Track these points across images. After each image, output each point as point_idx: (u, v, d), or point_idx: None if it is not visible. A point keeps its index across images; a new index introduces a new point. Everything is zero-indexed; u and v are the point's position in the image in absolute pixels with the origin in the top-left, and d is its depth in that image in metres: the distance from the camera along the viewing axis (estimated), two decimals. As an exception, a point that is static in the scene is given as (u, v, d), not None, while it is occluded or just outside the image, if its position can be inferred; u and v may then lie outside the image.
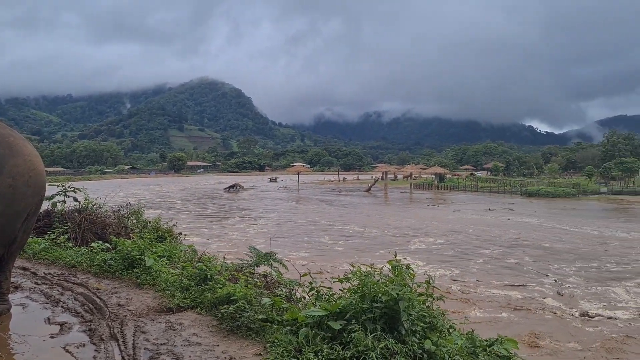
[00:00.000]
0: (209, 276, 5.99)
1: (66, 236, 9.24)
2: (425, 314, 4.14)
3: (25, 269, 7.54)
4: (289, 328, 4.33)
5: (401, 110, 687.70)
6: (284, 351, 3.95)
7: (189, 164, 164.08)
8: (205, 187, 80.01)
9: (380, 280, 4.13)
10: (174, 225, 10.89)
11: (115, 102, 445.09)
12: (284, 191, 68.67)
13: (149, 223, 10.87)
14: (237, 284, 5.48)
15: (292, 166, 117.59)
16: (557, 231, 26.44)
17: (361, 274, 4.20)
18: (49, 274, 7.31)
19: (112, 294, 6.35)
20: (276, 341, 4.16)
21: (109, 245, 8.21)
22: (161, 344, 4.56)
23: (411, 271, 4.22)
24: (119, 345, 4.55)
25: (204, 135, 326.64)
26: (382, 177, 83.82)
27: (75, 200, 10.53)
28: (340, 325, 3.92)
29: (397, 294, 3.85)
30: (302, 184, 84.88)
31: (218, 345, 4.50)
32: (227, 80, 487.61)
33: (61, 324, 5.17)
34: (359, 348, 3.63)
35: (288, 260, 7.88)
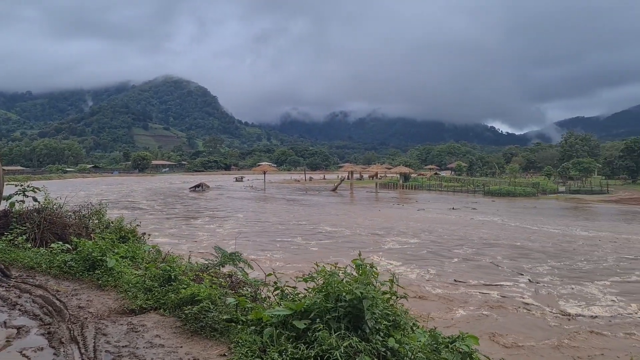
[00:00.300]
0: (172, 277, 5.92)
1: (24, 237, 8.95)
2: (389, 313, 4.19)
3: (-20, 271, 7.30)
4: (253, 328, 4.32)
5: (367, 111, 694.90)
6: (249, 351, 3.95)
7: (154, 163, 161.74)
8: (171, 186, 78.86)
9: (345, 280, 4.16)
10: (137, 225, 10.68)
11: (77, 100, 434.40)
12: (251, 190, 68.29)
13: (112, 223, 10.64)
14: (201, 284, 5.44)
15: (259, 165, 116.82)
16: (524, 230, 26.99)
17: (325, 273, 4.23)
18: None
19: (72, 295, 6.21)
20: (240, 341, 4.14)
21: (69, 246, 8.02)
22: (123, 346, 4.49)
23: (375, 270, 4.27)
24: (79, 348, 4.45)
25: (169, 134, 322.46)
26: (348, 176, 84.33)
27: (35, 200, 10.22)
28: (305, 324, 3.93)
29: (361, 292, 3.89)
30: (268, 183, 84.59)
31: (181, 347, 4.45)
32: (192, 78, 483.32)
33: (18, 328, 5.02)
34: (324, 347, 3.65)
35: (260, 261, 7.85)
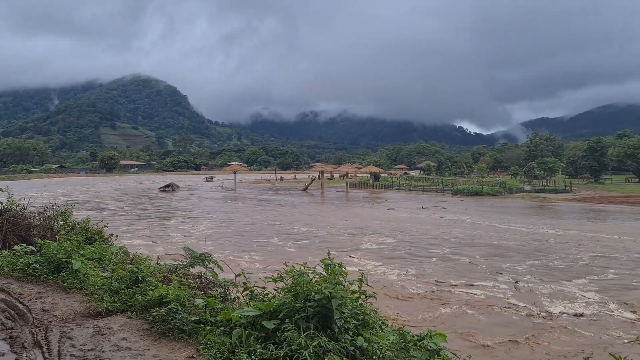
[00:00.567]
0: (140, 278, 5.84)
1: (-15, 239, 8.73)
2: (358, 312, 4.22)
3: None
4: (222, 329, 4.29)
5: (337, 110, 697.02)
6: (217, 353, 3.92)
7: (122, 163, 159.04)
8: (139, 186, 77.61)
9: (314, 279, 4.17)
10: (104, 226, 10.50)
11: (42, 98, 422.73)
12: (221, 191, 67.76)
13: (78, 224, 10.43)
14: (170, 285, 5.38)
15: (229, 165, 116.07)
16: (494, 229, 27.41)
17: (295, 273, 4.23)
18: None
19: (36, 299, 6.07)
20: (209, 343, 4.12)
21: (33, 248, 7.85)
22: (88, 349, 4.40)
23: (343, 270, 4.29)
24: (42, 352, 4.35)
25: (137, 134, 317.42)
26: (319, 176, 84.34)
27: (-3, 201, 9.96)
28: (274, 324, 3.93)
29: (329, 292, 3.91)
30: (239, 183, 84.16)
31: (149, 349, 4.40)
32: (161, 77, 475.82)
33: (-22, 333, 4.88)
34: (292, 347, 3.65)
35: (238, 263, 7.78)
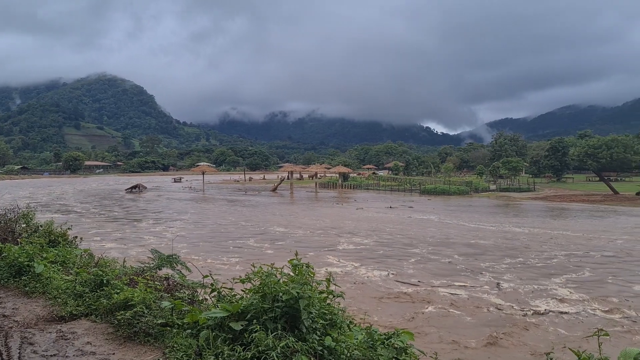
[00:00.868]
0: (105, 281, 5.73)
1: (-58, 243, 8.43)
2: (326, 312, 4.24)
3: None
4: (189, 331, 4.26)
5: (306, 111, 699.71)
6: (184, 355, 3.89)
7: (87, 163, 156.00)
8: (105, 188, 76.10)
9: (282, 280, 4.17)
10: (68, 228, 10.26)
11: (3, 98, 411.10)
12: (190, 191, 67.06)
13: (41, 227, 10.18)
14: (136, 288, 5.30)
15: (197, 166, 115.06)
16: (467, 228, 27.84)
17: (262, 273, 4.22)
18: None
19: (-5, 304, 5.90)
20: (176, 345, 4.07)
21: (-7, 252, 7.61)
22: (51, 355, 4.31)
23: (311, 270, 4.30)
24: (2, 359, 4.24)
25: (103, 134, 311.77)
26: (288, 176, 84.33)
27: (-47, 203, 9.64)
28: (242, 325, 3.91)
29: (297, 292, 3.91)
30: (207, 183, 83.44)
31: (114, 354, 4.33)
32: (127, 76, 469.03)
33: None
34: (260, 348, 3.65)
35: (216, 267, 7.70)
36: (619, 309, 12.36)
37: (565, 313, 11.92)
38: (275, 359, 3.55)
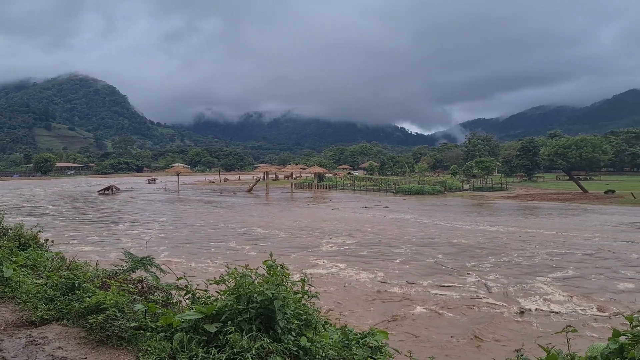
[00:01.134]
0: (76, 285, 5.63)
1: None
2: (301, 312, 4.25)
3: None
4: (163, 334, 4.21)
5: (281, 111, 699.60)
6: (157, 358, 3.85)
7: (58, 165, 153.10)
8: (77, 189, 74.78)
9: (256, 281, 4.16)
10: (39, 231, 10.05)
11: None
12: (165, 193, 66.36)
13: (10, 230, 9.94)
14: (108, 291, 5.23)
15: (172, 167, 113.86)
16: (445, 227, 28.18)
17: (237, 274, 4.21)
18: None
19: (-38, 310, 5.75)
20: (149, 349, 4.03)
21: (-41, 257, 7.41)
22: (20, 361, 4.23)
23: (286, 270, 4.31)
24: (-31, 366, 4.15)
25: (74, 135, 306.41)
26: (263, 177, 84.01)
27: None
28: (216, 327, 3.90)
29: (272, 293, 3.92)
30: (182, 184, 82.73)
31: (86, 358, 4.26)
32: (99, 76, 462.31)
33: None
34: (235, 349, 3.64)
35: (198, 271, 7.62)
36: (605, 306, 12.63)
37: (556, 313, 12.03)
38: (250, 360, 3.55)
